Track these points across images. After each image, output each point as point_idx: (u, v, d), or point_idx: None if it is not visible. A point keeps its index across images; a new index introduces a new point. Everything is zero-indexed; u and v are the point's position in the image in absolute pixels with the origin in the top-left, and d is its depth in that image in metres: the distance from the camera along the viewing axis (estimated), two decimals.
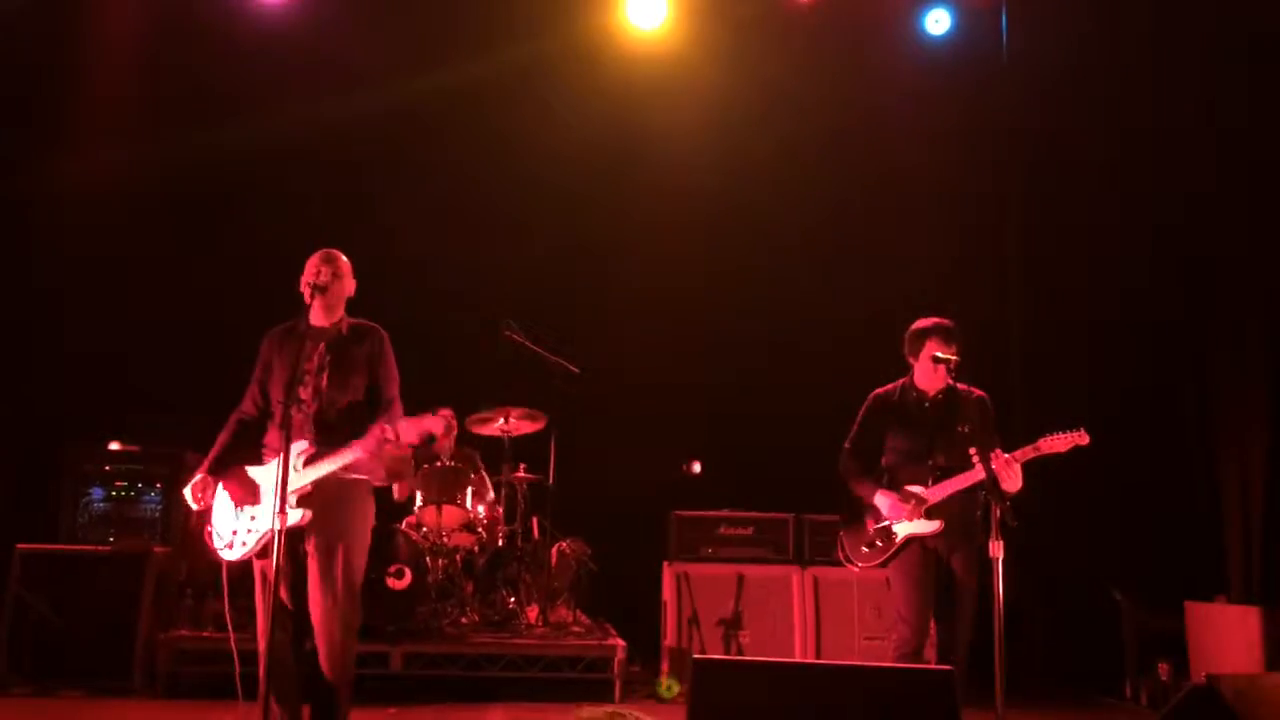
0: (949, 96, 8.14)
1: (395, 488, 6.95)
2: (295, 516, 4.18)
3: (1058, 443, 4.65)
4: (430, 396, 6.58)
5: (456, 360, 7.44)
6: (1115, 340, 7.67)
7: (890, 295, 7.44)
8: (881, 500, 4.89)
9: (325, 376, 4.41)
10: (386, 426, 4.23)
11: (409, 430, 4.22)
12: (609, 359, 7.57)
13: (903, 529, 4.83)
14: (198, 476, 4.45)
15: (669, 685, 6.29)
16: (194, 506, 4.43)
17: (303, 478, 4.25)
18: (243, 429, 4.57)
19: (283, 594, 4.23)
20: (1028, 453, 4.66)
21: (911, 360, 5.01)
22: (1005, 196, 8.18)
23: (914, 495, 4.82)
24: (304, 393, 4.39)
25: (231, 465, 4.47)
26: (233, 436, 4.55)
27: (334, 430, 4.34)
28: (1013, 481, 4.59)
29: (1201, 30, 7.25)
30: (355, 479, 4.41)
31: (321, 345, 4.48)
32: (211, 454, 4.51)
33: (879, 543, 4.89)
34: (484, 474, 6.99)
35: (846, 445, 5.12)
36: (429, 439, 4.48)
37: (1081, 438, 4.63)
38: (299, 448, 4.26)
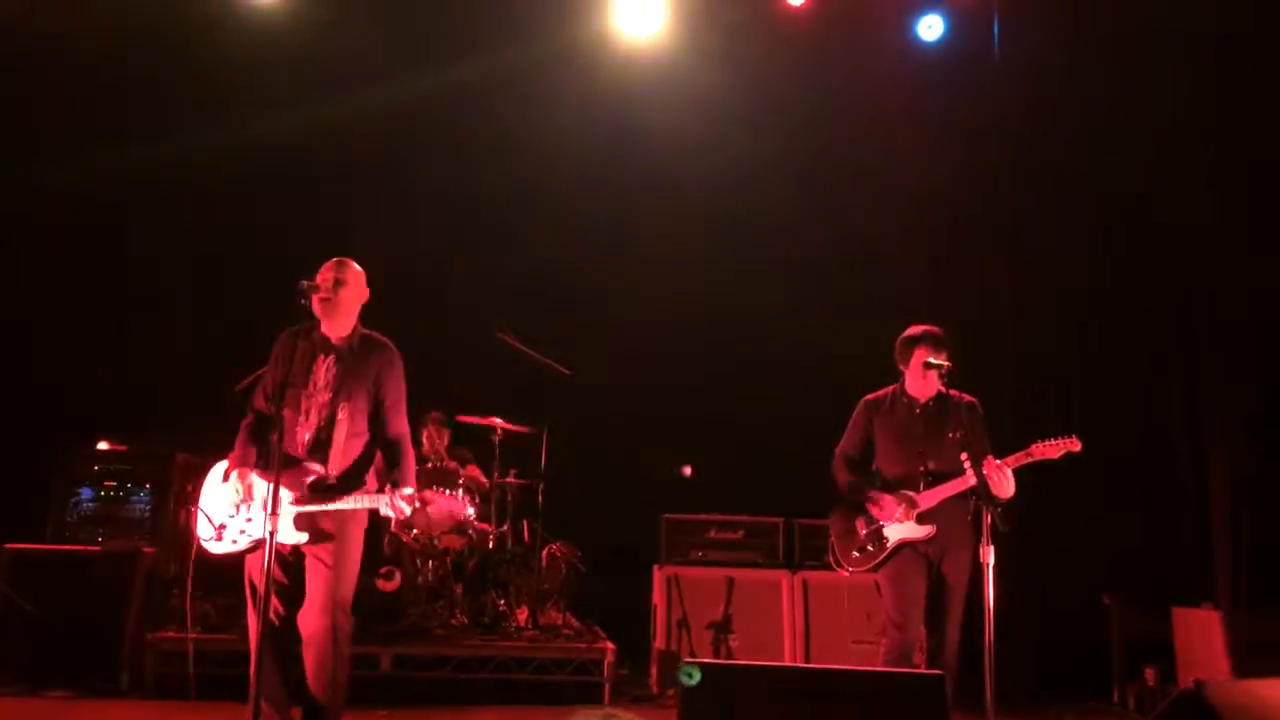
0: (942, 101, 8.15)
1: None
2: (294, 538, 4.18)
3: (1050, 449, 4.66)
4: (423, 397, 6.60)
5: (449, 360, 7.43)
6: (1106, 344, 7.69)
7: (883, 298, 7.46)
8: (873, 502, 4.91)
9: (330, 392, 4.37)
10: (419, 495, 4.19)
11: (438, 508, 4.21)
12: (601, 361, 7.57)
13: (894, 533, 4.85)
14: (234, 473, 4.36)
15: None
16: (241, 497, 4.35)
17: (306, 504, 4.22)
18: (260, 428, 4.48)
19: (274, 599, 4.21)
20: (1020, 458, 4.68)
21: (902, 367, 5.03)
22: (997, 198, 8.18)
23: (906, 497, 4.83)
24: (307, 405, 4.36)
25: (255, 459, 4.43)
26: (252, 435, 4.47)
27: (335, 453, 4.32)
28: (1004, 487, 4.61)
29: (1196, 31, 7.28)
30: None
31: (330, 358, 4.44)
32: (238, 450, 4.44)
33: (870, 547, 4.91)
34: (477, 471, 7.00)
35: (838, 450, 5.13)
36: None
37: (1074, 444, 4.65)
38: (310, 476, 4.25)
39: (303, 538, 4.21)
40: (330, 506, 4.23)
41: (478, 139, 8.07)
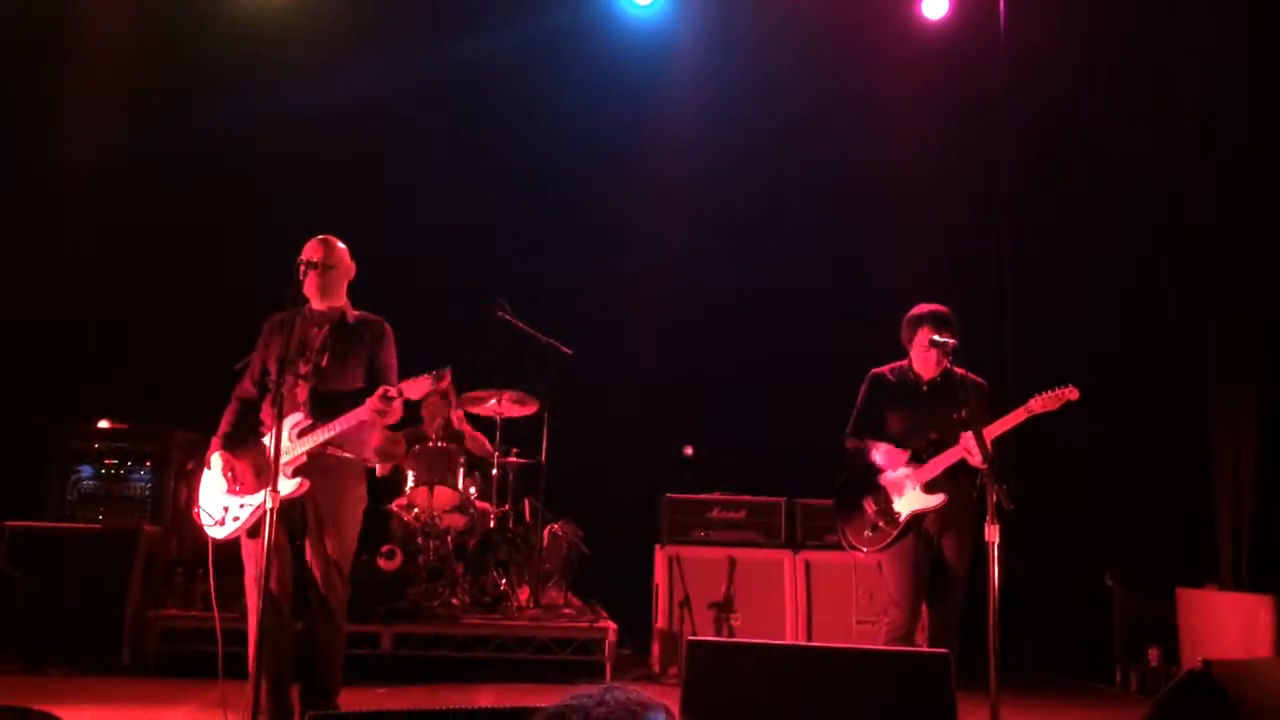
0: (946, 77, 8.09)
1: (379, 465, 6.92)
2: (290, 486, 4.18)
3: (1049, 401, 4.63)
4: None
5: (449, 340, 7.36)
6: (1109, 326, 7.66)
7: (886, 274, 7.44)
8: (878, 453, 4.86)
9: (326, 357, 4.41)
10: (388, 387, 4.20)
11: (412, 387, 4.21)
12: (602, 340, 7.53)
13: (905, 506, 4.80)
14: (216, 455, 4.39)
15: None
16: (227, 485, 4.35)
17: (297, 448, 4.24)
18: (244, 408, 4.53)
19: (274, 572, 4.19)
20: (1020, 414, 4.65)
21: (907, 346, 4.99)
22: (1001, 178, 8.13)
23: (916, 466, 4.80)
24: (303, 369, 4.38)
25: (240, 442, 4.43)
26: (236, 415, 4.52)
27: (330, 408, 4.32)
28: (974, 455, 4.60)
29: (1204, 13, 7.23)
30: (346, 458, 4.40)
31: (326, 328, 4.48)
32: (221, 430, 4.48)
33: (881, 524, 4.84)
34: (483, 439, 6.98)
35: (849, 427, 5.08)
36: (430, 394, 4.48)
37: (1072, 393, 4.61)
38: (293, 419, 4.25)
39: (296, 484, 4.20)
40: (309, 441, 4.23)
41: (481, 116, 8.01)
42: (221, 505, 4.34)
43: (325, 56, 7.76)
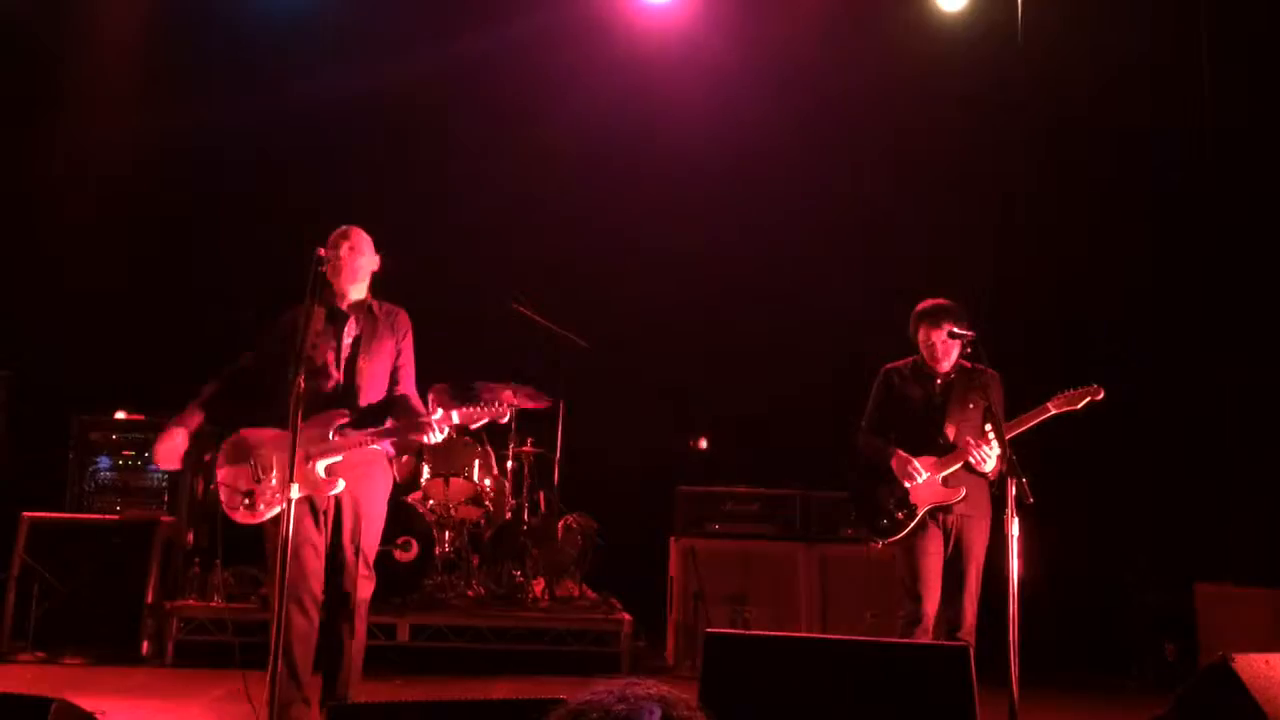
0: (961, 70, 8.03)
1: (395, 467, 6.89)
2: (332, 487, 4.22)
3: (1072, 399, 4.59)
4: (438, 370, 6.59)
5: (464, 332, 7.39)
6: (1124, 317, 7.62)
7: (898, 266, 7.40)
8: (899, 461, 4.84)
9: (358, 352, 4.42)
10: (445, 417, 4.23)
11: (469, 416, 4.23)
12: (617, 332, 7.52)
13: (923, 499, 4.78)
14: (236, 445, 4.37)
15: None
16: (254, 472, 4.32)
17: (336, 447, 4.25)
18: (234, 379, 4.53)
19: (300, 564, 4.19)
20: (1041, 414, 4.61)
21: (916, 340, 4.97)
22: (1015, 170, 8.07)
23: (929, 462, 4.78)
24: (333, 367, 4.39)
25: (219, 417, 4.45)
26: (223, 385, 4.52)
27: (368, 409, 4.36)
28: (986, 463, 4.60)
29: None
30: (374, 449, 4.41)
31: (351, 319, 4.47)
32: (200, 406, 4.48)
33: (900, 515, 4.83)
34: (488, 448, 6.97)
35: (863, 423, 5.06)
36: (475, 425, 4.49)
37: (1096, 392, 4.57)
38: (337, 418, 4.28)
39: (335, 485, 4.22)
40: (365, 441, 4.26)
41: (493, 108, 8.00)
42: (249, 488, 4.32)
43: (330, 51, 7.75)
